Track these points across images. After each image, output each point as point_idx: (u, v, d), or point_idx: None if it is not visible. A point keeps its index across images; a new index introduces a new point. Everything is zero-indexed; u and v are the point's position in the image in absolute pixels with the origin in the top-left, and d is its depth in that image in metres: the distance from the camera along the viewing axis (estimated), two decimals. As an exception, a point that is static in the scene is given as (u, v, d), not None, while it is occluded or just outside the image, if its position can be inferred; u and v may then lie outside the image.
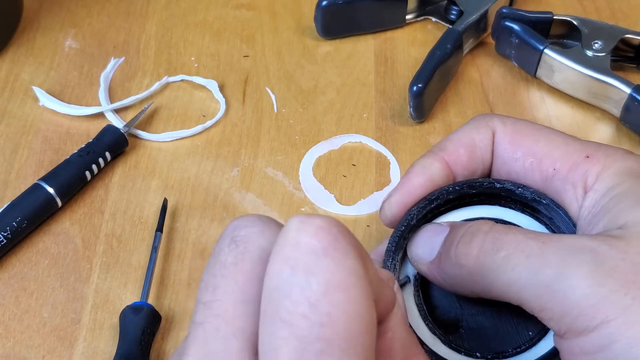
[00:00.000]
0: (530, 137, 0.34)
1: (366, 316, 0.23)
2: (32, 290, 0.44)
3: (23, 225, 0.45)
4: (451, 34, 0.54)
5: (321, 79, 0.56)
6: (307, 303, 0.23)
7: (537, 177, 0.34)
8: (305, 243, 0.23)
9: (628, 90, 0.50)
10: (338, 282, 0.23)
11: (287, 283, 0.23)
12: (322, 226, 0.24)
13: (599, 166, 0.32)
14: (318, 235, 0.24)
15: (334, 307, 0.23)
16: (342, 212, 0.48)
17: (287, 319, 0.23)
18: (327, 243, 0.23)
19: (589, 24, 0.55)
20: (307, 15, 0.60)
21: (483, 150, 0.35)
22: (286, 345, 0.23)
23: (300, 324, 0.23)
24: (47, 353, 0.42)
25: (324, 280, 0.23)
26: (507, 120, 0.35)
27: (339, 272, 0.23)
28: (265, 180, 0.50)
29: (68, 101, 0.54)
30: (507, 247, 0.30)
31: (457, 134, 0.35)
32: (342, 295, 0.23)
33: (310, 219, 0.24)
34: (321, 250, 0.23)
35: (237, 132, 0.52)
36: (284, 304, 0.23)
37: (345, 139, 0.52)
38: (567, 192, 0.33)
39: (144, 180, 0.50)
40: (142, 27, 0.59)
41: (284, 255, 0.24)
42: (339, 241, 0.24)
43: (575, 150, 0.33)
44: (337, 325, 0.23)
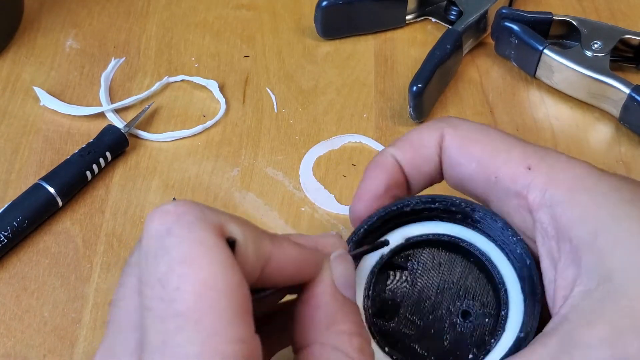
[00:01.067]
0: (476, 142, 0.34)
1: (219, 280, 0.24)
2: (32, 289, 0.44)
3: (24, 224, 0.45)
4: (451, 34, 0.54)
5: (321, 79, 0.56)
6: (159, 284, 0.24)
7: (480, 183, 0.33)
8: (153, 229, 0.25)
9: (627, 91, 0.51)
10: (182, 256, 0.24)
11: (144, 270, 0.24)
12: (166, 209, 0.25)
13: (542, 180, 0.31)
14: (162, 219, 0.25)
15: (181, 280, 0.23)
16: (342, 212, 0.48)
17: (148, 304, 0.24)
18: (170, 223, 0.24)
19: (589, 25, 0.55)
20: (307, 15, 0.60)
21: (429, 149, 0.35)
22: (152, 330, 0.24)
23: (158, 305, 0.24)
24: (48, 352, 0.42)
25: (168, 258, 0.24)
26: (460, 124, 0.35)
27: (182, 246, 0.24)
28: (266, 180, 0.50)
29: (69, 101, 0.54)
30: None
31: (412, 132, 0.36)
32: (187, 267, 0.24)
33: (159, 207, 0.25)
34: (165, 231, 0.24)
35: (238, 132, 0.53)
36: (145, 291, 0.24)
37: (345, 139, 0.52)
38: (510, 203, 0.32)
39: (145, 180, 0.50)
40: (143, 28, 0.59)
41: (142, 246, 0.25)
42: (182, 218, 0.25)
43: (518, 159, 0.32)
44: (187, 297, 0.23)
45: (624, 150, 0.52)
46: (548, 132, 0.53)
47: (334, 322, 0.29)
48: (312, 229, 0.47)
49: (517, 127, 0.53)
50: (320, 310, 0.29)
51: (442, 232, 0.35)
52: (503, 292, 0.33)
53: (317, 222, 0.48)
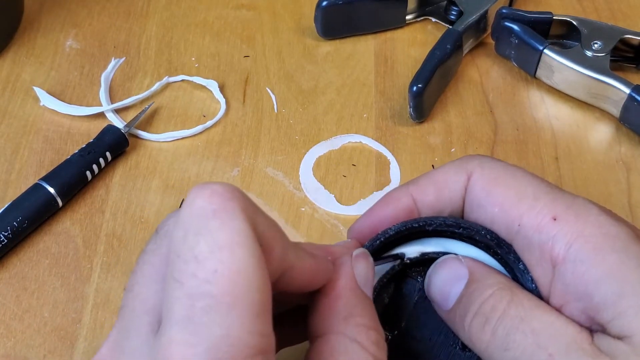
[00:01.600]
0: (502, 185, 0.32)
1: (253, 273, 0.24)
2: (32, 289, 0.44)
3: (24, 225, 0.45)
4: (451, 34, 0.54)
5: (321, 79, 0.56)
6: (195, 261, 0.24)
7: (502, 228, 0.32)
8: (198, 206, 0.25)
9: (627, 91, 0.51)
10: (224, 241, 0.24)
11: (180, 244, 0.25)
12: (215, 190, 0.25)
13: (568, 233, 0.30)
14: (210, 199, 0.25)
15: (220, 264, 0.24)
16: (342, 212, 0.48)
17: (179, 277, 0.24)
18: (217, 205, 0.25)
19: (589, 24, 0.55)
20: (307, 15, 0.60)
21: (453, 192, 0.34)
22: (178, 303, 0.24)
23: (189, 281, 0.24)
24: (48, 352, 0.42)
25: (211, 240, 0.24)
26: (487, 164, 0.33)
27: (225, 232, 0.24)
28: (266, 180, 0.50)
29: (69, 101, 0.54)
30: (515, 348, 0.29)
31: (436, 172, 0.34)
32: (227, 254, 0.24)
33: (206, 184, 0.25)
34: (211, 212, 0.25)
35: (238, 132, 0.53)
36: (177, 264, 0.24)
37: (345, 139, 0.52)
38: (532, 254, 0.31)
39: (145, 180, 0.50)
40: (143, 28, 0.59)
41: (181, 220, 0.25)
42: (229, 204, 0.25)
43: (543, 208, 0.31)
44: (223, 282, 0.24)
45: (624, 150, 0.52)
46: (548, 132, 0.53)
47: (352, 314, 0.29)
48: (312, 229, 0.47)
49: (517, 127, 0.53)
50: (340, 301, 0.30)
51: (460, 254, 0.34)
52: None
53: (317, 222, 0.48)
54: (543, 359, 0.28)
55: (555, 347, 0.28)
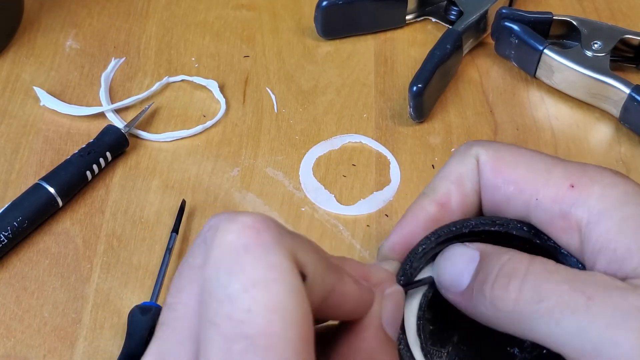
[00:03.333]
0: (511, 163, 0.32)
1: (291, 311, 0.23)
2: (32, 290, 0.44)
3: (24, 225, 0.45)
4: (451, 34, 0.54)
5: (321, 79, 0.56)
6: (229, 301, 0.23)
7: (520, 205, 0.32)
8: (228, 242, 0.24)
9: (627, 91, 0.51)
10: (258, 277, 0.23)
11: (212, 283, 0.23)
12: (245, 223, 0.24)
13: (588, 197, 0.30)
14: (241, 233, 0.24)
15: (254, 303, 0.23)
16: (342, 212, 0.48)
17: (213, 318, 0.23)
18: (249, 239, 0.23)
19: (589, 24, 0.55)
20: (307, 15, 0.60)
21: (472, 181, 0.33)
22: (213, 346, 0.23)
23: (224, 323, 0.23)
24: (48, 353, 0.42)
25: (243, 277, 0.23)
26: (490, 146, 0.33)
27: (259, 268, 0.23)
28: (266, 180, 0.50)
29: (69, 101, 0.54)
30: (549, 297, 0.28)
31: (444, 172, 0.34)
32: (261, 291, 0.23)
33: (236, 217, 0.24)
34: (242, 248, 0.23)
35: (238, 132, 0.53)
36: (211, 305, 0.23)
37: (345, 139, 0.52)
38: (555, 225, 0.31)
39: (145, 180, 0.50)
40: (143, 28, 0.59)
41: (212, 256, 0.24)
42: (261, 237, 0.24)
43: (558, 178, 0.31)
44: (259, 322, 0.23)
45: (624, 150, 0.52)
46: (548, 132, 0.53)
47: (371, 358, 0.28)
48: (312, 229, 0.47)
49: (517, 127, 0.53)
50: (361, 342, 0.28)
51: None
52: None
53: (317, 222, 0.48)
54: (581, 302, 0.27)
55: (592, 288, 0.28)
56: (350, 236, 0.47)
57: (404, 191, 0.50)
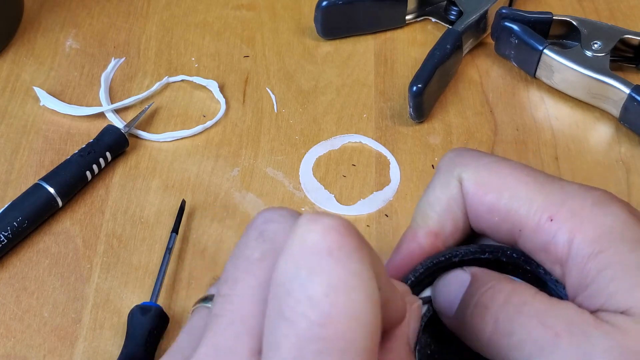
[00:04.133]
0: (494, 190, 0.32)
1: (368, 320, 0.23)
2: (32, 290, 0.44)
3: (24, 225, 0.45)
4: (451, 34, 0.54)
5: (321, 79, 0.56)
6: (309, 302, 0.23)
7: (505, 234, 0.32)
8: (312, 241, 0.23)
9: (627, 91, 0.51)
10: (340, 283, 0.23)
11: (290, 280, 0.23)
12: (330, 225, 0.24)
13: (566, 232, 0.30)
14: (325, 234, 0.23)
15: (335, 308, 0.23)
16: (342, 212, 0.48)
17: (289, 316, 0.23)
18: (332, 243, 0.23)
19: (589, 25, 0.55)
20: (307, 15, 0.60)
21: (460, 205, 0.33)
22: (286, 343, 0.23)
23: (301, 322, 0.23)
24: (48, 353, 0.42)
25: (326, 280, 0.23)
26: (471, 168, 0.33)
27: (342, 273, 0.23)
28: (266, 180, 0.50)
29: (69, 101, 0.54)
30: (519, 331, 0.29)
31: (430, 198, 0.34)
32: (343, 297, 0.23)
33: (319, 218, 0.24)
34: (326, 250, 0.23)
35: (237, 132, 0.53)
36: (286, 301, 0.23)
37: (345, 139, 0.52)
38: (539, 256, 0.31)
39: (145, 180, 0.50)
40: (143, 28, 0.59)
41: (290, 252, 0.24)
42: (345, 242, 0.23)
43: (538, 210, 0.31)
44: (337, 326, 0.23)
45: (624, 150, 0.52)
46: (548, 132, 0.53)
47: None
48: (312, 229, 0.47)
49: (517, 127, 0.53)
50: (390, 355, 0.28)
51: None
52: None
53: (317, 222, 0.48)
54: (550, 338, 0.28)
55: (560, 325, 0.28)
56: (350, 236, 0.47)
57: (404, 191, 0.50)
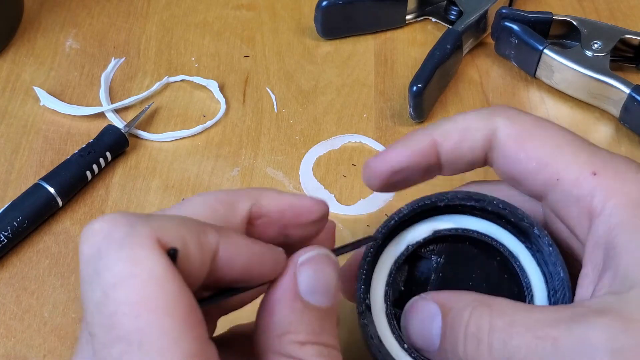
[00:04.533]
0: (537, 139, 0.32)
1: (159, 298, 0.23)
2: (32, 289, 0.44)
3: (24, 225, 0.45)
4: (451, 34, 0.54)
5: (321, 79, 0.56)
6: (97, 310, 0.23)
7: (539, 182, 0.32)
8: (84, 253, 0.24)
9: (627, 91, 0.51)
10: (115, 278, 0.23)
11: (84, 298, 0.24)
12: (93, 229, 0.24)
13: (606, 188, 0.30)
14: (91, 239, 0.24)
15: (118, 305, 0.23)
16: (342, 212, 0.48)
17: (92, 331, 0.24)
18: (99, 243, 0.24)
19: (589, 24, 0.55)
20: (307, 15, 0.60)
21: (474, 142, 0.33)
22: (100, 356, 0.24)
23: (99, 332, 0.23)
24: (48, 352, 0.42)
25: (103, 282, 0.23)
26: (517, 117, 0.33)
27: (114, 269, 0.23)
28: (266, 180, 0.50)
29: (69, 101, 0.54)
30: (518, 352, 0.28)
31: (459, 116, 0.33)
32: (121, 290, 0.23)
33: (88, 225, 0.24)
34: (96, 254, 0.24)
35: (238, 132, 0.53)
36: (87, 319, 0.24)
37: (345, 139, 0.52)
38: (570, 208, 0.31)
39: (145, 180, 0.50)
40: (143, 28, 0.59)
41: (80, 272, 0.25)
42: (111, 236, 0.24)
43: (583, 163, 0.31)
44: (124, 321, 0.23)
45: (624, 150, 0.52)
46: (548, 132, 0.53)
47: (287, 331, 0.27)
48: (312, 229, 0.47)
49: (517, 127, 0.53)
50: (274, 317, 0.27)
51: (473, 229, 0.34)
52: (529, 298, 0.33)
53: (317, 222, 0.48)
54: (548, 347, 0.28)
55: (555, 331, 0.28)
56: (350, 236, 0.47)
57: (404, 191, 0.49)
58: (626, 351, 0.26)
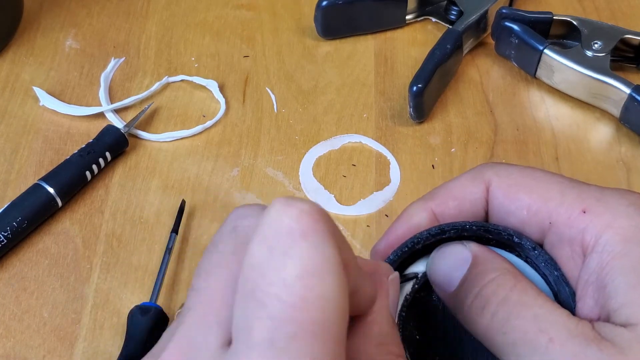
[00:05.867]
0: (525, 188, 0.32)
1: (340, 304, 0.23)
2: (32, 290, 0.44)
3: (23, 225, 0.45)
4: (451, 34, 0.54)
5: (321, 79, 0.56)
6: (282, 284, 0.23)
7: (534, 230, 0.32)
8: (286, 225, 0.23)
9: (628, 91, 0.51)
10: (314, 266, 0.23)
11: (263, 263, 0.23)
12: (303, 209, 0.24)
13: (598, 224, 0.30)
14: (299, 218, 0.23)
15: (308, 291, 0.23)
16: (342, 212, 0.48)
17: (261, 298, 0.23)
18: (306, 227, 0.23)
19: (589, 24, 0.55)
20: (307, 15, 0.60)
21: (474, 203, 0.33)
22: (259, 325, 0.23)
23: (274, 304, 0.23)
24: (48, 353, 0.42)
25: (300, 264, 0.23)
26: (503, 171, 0.33)
27: (316, 257, 0.23)
28: (266, 180, 0.50)
29: (68, 101, 0.54)
30: (515, 332, 0.29)
31: (451, 184, 0.34)
32: (316, 280, 0.23)
33: (293, 202, 0.24)
34: (300, 234, 0.23)
35: (237, 132, 0.53)
36: (258, 283, 0.23)
37: (345, 139, 0.52)
38: (563, 249, 0.31)
39: (144, 180, 0.50)
40: (143, 27, 0.59)
41: (264, 235, 0.24)
42: (319, 226, 0.23)
43: (572, 202, 0.31)
44: (310, 309, 0.23)
45: (625, 150, 0.52)
46: (548, 132, 0.53)
47: (385, 342, 0.28)
48: (312, 229, 0.47)
49: (517, 127, 0.53)
50: (376, 327, 0.29)
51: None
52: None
53: (317, 222, 0.48)
54: (543, 343, 0.28)
55: (556, 332, 0.28)
56: (350, 236, 0.47)
57: (404, 191, 0.50)
58: None
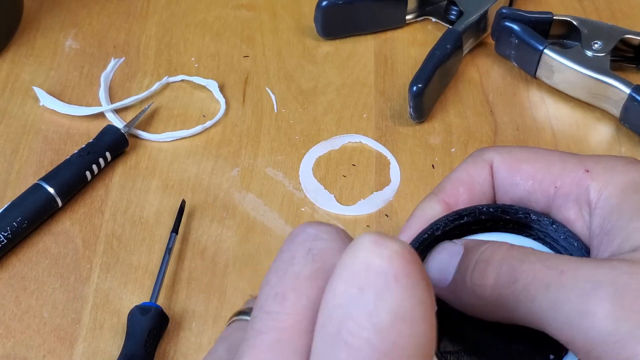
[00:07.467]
0: (526, 160, 0.34)
1: (428, 350, 0.23)
2: (32, 290, 0.44)
3: (23, 225, 0.45)
4: (451, 34, 0.54)
5: (321, 79, 0.56)
6: (373, 329, 0.22)
7: (540, 198, 0.33)
8: (377, 265, 0.22)
9: (628, 91, 0.51)
10: (407, 312, 0.22)
11: (353, 304, 0.23)
12: (397, 250, 0.23)
13: (599, 181, 0.32)
14: (391, 259, 0.23)
15: (400, 338, 0.22)
16: (342, 212, 0.48)
17: (349, 340, 0.22)
18: (399, 269, 0.23)
19: (589, 24, 0.55)
20: (307, 15, 0.60)
21: (482, 185, 0.34)
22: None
23: (363, 348, 0.22)
24: (47, 353, 0.42)
25: (393, 308, 0.22)
26: (503, 149, 0.35)
27: (409, 302, 0.22)
28: (265, 181, 0.50)
29: (68, 101, 0.54)
30: (524, 277, 0.29)
31: (454, 173, 0.35)
32: (409, 327, 0.22)
33: (383, 241, 0.23)
34: (393, 276, 0.22)
35: (237, 132, 0.53)
36: (347, 324, 0.22)
37: (345, 139, 0.52)
38: (571, 209, 0.32)
39: (144, 180, 0.50)
40: (143, 28, 0.59)
41: (352, 274, 0.23)
42: (411, 268, 0.23)
43: (574, 165, 0.33)
44: (401, 356, 0.22)
45: (625, 151, 0.52)
46: (548, 132, 0.53)
47: None
48: (312, 229, 0.47)
49: (517, 127, 0.53)
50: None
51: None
52: None
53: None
54: (554, 277, 0.28)
55: (565, 265, 0.29)
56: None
57: (404, 191, 0.50)
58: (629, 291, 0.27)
